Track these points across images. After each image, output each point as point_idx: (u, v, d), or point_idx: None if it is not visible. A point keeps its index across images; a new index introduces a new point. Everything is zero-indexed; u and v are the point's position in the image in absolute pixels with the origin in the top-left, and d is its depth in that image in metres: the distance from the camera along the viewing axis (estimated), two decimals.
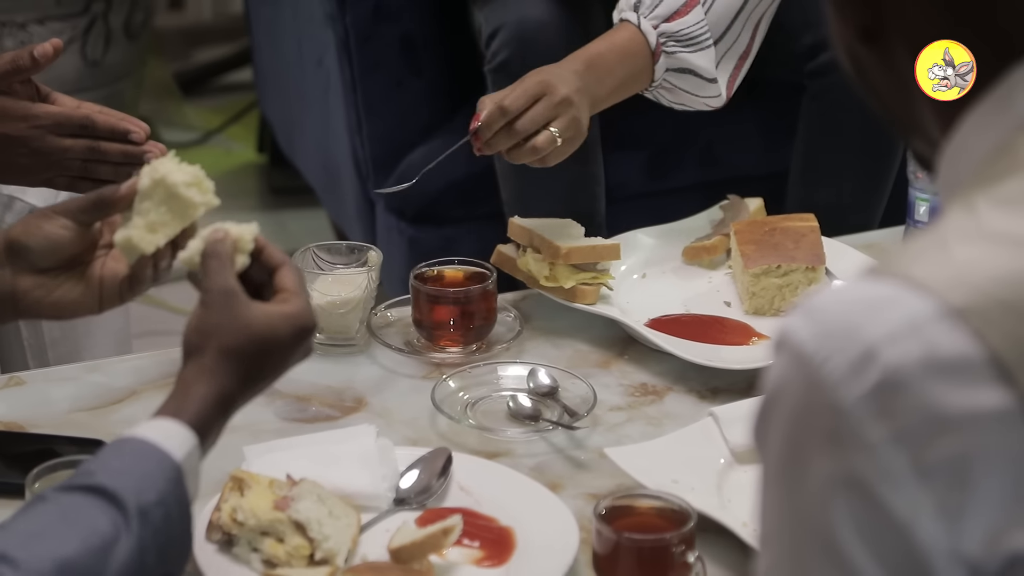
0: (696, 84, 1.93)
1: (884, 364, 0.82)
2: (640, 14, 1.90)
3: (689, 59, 1.91)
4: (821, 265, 1.82)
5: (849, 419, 0.83)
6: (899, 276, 0.85)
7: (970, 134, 0.91)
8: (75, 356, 1.92)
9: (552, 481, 1.52)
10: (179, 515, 1.16)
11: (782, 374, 0.87)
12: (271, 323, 1.23)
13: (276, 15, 2.92)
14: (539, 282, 1.79)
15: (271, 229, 3.31)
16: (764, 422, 0.89)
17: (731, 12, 1.94)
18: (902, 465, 0.82)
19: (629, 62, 1.89)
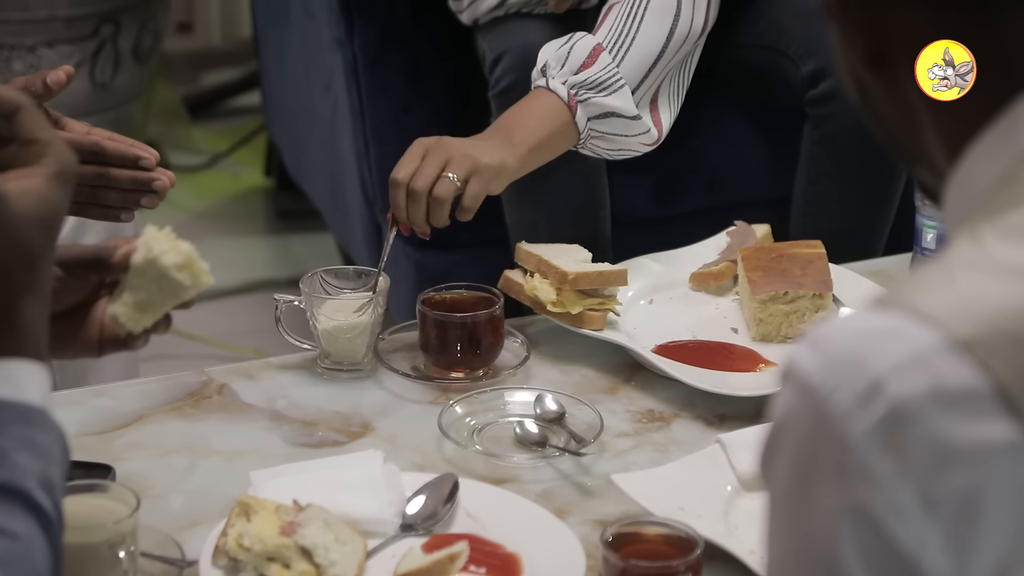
0: (621, 125, 1.95)
1: (891, 397, 0.82)
2: (548, 76, 1.93)
3: (605, 102, 1.92)
4: (828, 292, 1.82)
5: (856, 451, 0.83)
6: (905, 307, 0.85)
7: (975, 165, 0.91)
8: (82, 379, 1.92)
9: (559, 507, 1.52)
10: (61, 453, 1.05)
11: (789, 405, 0.86)
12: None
13: (284, 39, 2.93)
14: (546, 307, 1.79)
15: (278, 253, 3.31)
16: (771, 453, 0.88)
17: (647, 63, 1.95)
18: (909, 498, 0.82)
19: (550, 123, 1.91)
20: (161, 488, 1.55)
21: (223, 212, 3.46)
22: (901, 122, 0.96)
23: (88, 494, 1.36)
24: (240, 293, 3.11)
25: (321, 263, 2.17)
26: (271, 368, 1.78)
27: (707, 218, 2.10)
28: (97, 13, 3.29)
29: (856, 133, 2.19)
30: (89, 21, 3.28)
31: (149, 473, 1.58)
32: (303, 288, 1.77)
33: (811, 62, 2.20)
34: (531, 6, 2.21)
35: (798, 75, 2.21)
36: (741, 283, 1.89)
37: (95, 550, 1.32)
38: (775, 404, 0.88)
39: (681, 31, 1.96)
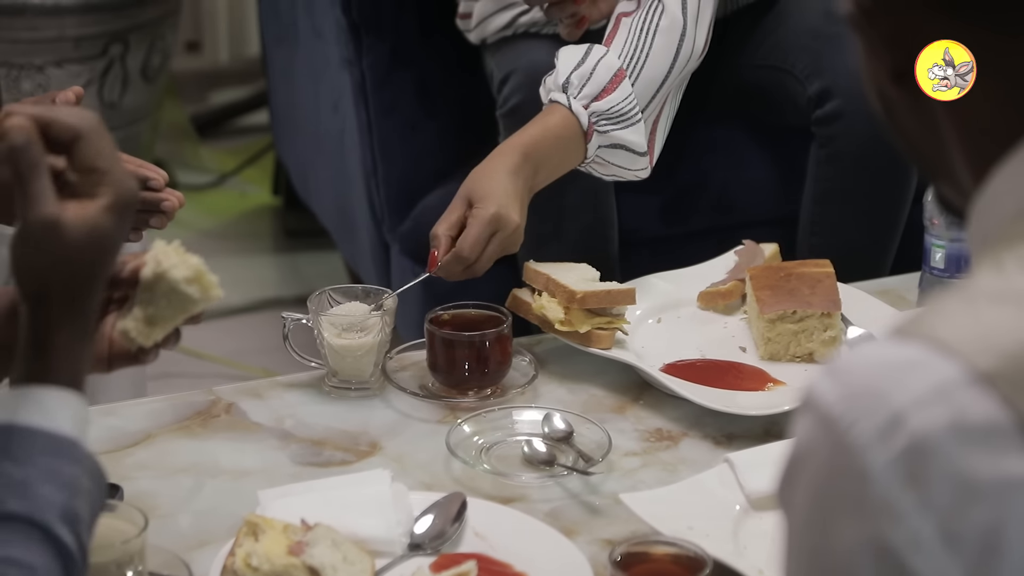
0: (628, 159, 1.95)
1: (912, 430, 0.81)
2: (569, 95, 1.91)
3: (621, 136, 1.92)
4: (837, 311, 1.81)
5: (877, 484, 0.81)
6: (927, 338, 0.84)
7: (1000, 187, 0.90)
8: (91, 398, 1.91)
9: (567, 527, 1.52)
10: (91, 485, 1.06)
11: (808, 436, 0.85)
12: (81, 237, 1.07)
13: (293, 59, 2.94)
14: (554, 326, 1.79)
15: (285, 272, 3.31)
16: (789, 484, 0.87)
17: (655, 84, 1.94)
18: (930, 532, 0.81)
19: (563, 145, 1.90)
20: (169, 507, 1.55)
21: (231, 231, 3.46)
22: (925, 137, 0.95)
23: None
24: (248, 312, 3.11)
25: (329, 282, 2.17)
26: (279, 387, 1.78)
27: (715, 237, 2.10)
28: (106, 33, 3.30)
29: (863, 153, 2.19)
30: (98, 41, 3.29)
31: (157, 492, 1.58)
32: (311, 306, 1.77)
33: (817, 82, 2.20)
34: (539, 26, 2.22)
35: (805, 95, 2.21)
36: (749, 302, 1.88)
37: (103, 570, 1.32)
38: (793, 433, 0.87)
39: (685, 53, 1.95)
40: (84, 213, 1.07)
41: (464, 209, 1.81)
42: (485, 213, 1.79)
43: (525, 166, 1.85)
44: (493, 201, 1.80)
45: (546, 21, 2.20)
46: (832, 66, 2.19)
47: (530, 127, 1.91)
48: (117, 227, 1.08)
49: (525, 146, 1.87)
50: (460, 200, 1.83)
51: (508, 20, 2.22)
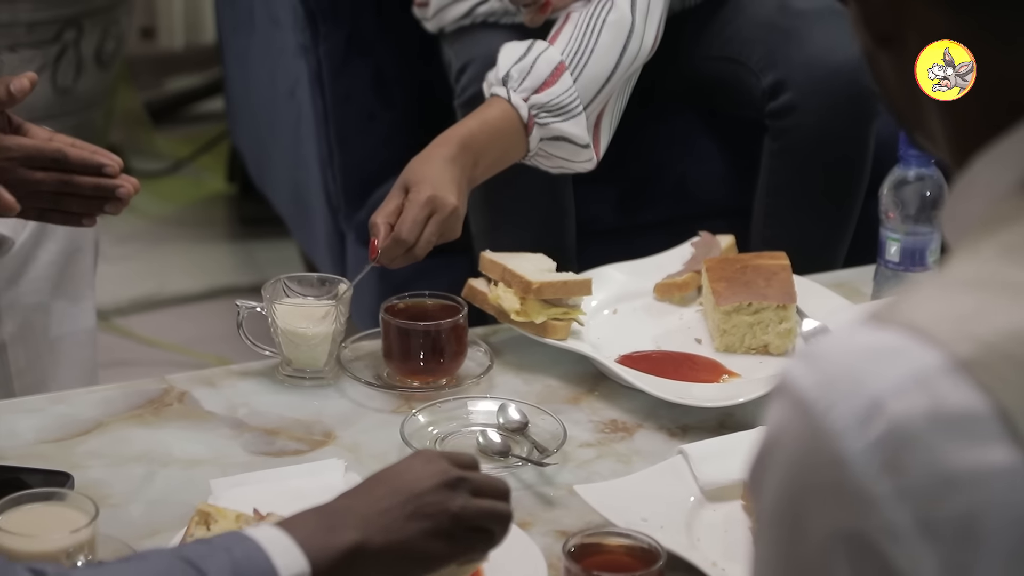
0: (570, 151, 1.95)
1: (890, 417, 0.80)
2: (509, 87, 1.91)
3: (562, 128, 1.92)
4: (792, 303, 1.82)
5: (852, 470, 0.81)
6: (905, 325, 0.83)
7: (980, 175, 0.89)
8: (41, 385, 1.91)
9: (521, 518, 1.51)
10: None
11: (782, 421, 0.84)
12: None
13: (249, 46, 2.92)
14: (510, 317, 1.79)
15: (240, 259, 3.30)
16: (760, 469, 0.86)
17: (600, 80, 1.94)
18: (906, 520, 0.80)
19: (503, 138, 1.90)
20: (120, 496, 1.54)
21: (185, 218, 3.44)
22: (907, 100, 0.94)
23: (46, 502, 1.35)
24: (202, 300, 3.10)
25: (284, 270, 2.16)
26: (232, 376, 1.77)
27: (672, 228, 2.10)
28: (60, 18, 3.27)
29: (815, 145, 2.19)
30: (51, 26, 3.27)
31: (108, 481, 1.56)
32: (265, 294, 1.76)
33: (771, 74, 2.20)
34: (498, 16, 2.21)
35: (759, 87, 2.21)
36: (705, 294, 1.89)
37: (53, 559, 1.31)
38: (767, 419, 0.86)
39: (632, 49, 1.95)
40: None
41: (402, 197, 1.81)
42: (420, 196, 1.79)
43: (462, 156, 1.85)
44: (428, 184, 1.80)
45: (504, 11, 2.19)
46: (786, 59, 2.20)
47: (469, 119, 1.91)
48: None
49: (463, 137, 1.87)
50: (398, 189, 1.83)
51: (466, 9, 2.21)
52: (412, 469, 1.24)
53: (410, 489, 1.22)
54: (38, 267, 1.91)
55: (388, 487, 1.22)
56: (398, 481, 1.22)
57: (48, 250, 1.91)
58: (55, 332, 1.93)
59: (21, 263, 1.89)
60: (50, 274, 1.91)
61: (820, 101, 2.18)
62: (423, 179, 1.80)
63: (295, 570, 1.13)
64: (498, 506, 1.25)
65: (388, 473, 1.24)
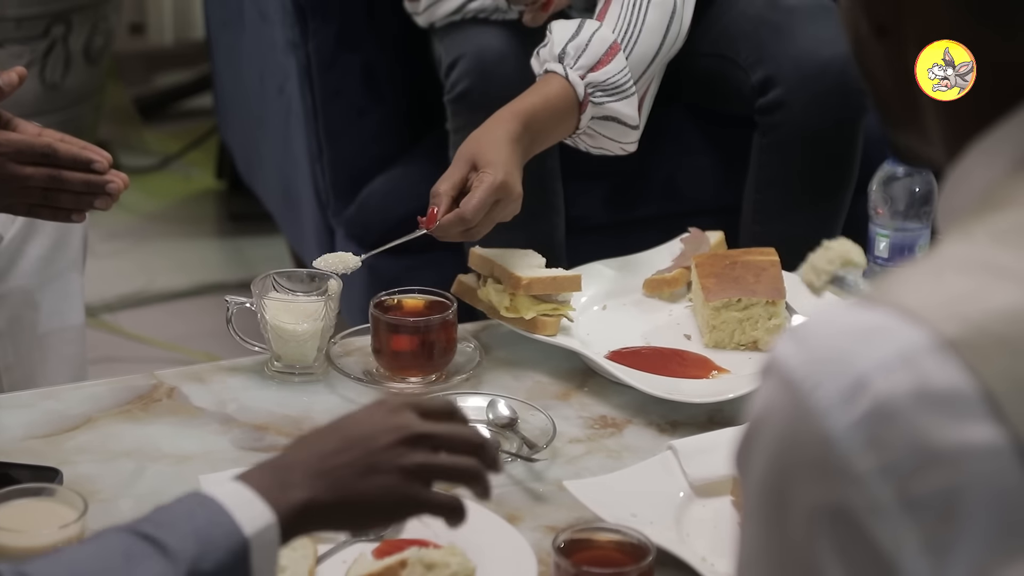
0: (619, 131, 1.95)
1: (875, 394, 0.81)
2: (565, 64, 1.91)
3: (616, 108, 1.93)
4: (782, 299, 1.82)
5: (837, 447, 0.82)
6: (893, 304, 0.84)
7: (975, 163, 0.90)
8: (30, 381, 1.90)
9: (511, 513, 1.51)
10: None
11: (769, 399, 0.85)
12: None
13: (238, 41, 2.91)
14: (499, 312, 1.79)
15: (229, 256, 3.29)
16: (747, 447, 0.87)
17: (647, 59, 1.95)
18: (888, 497, 0.81)
19: (559, 116, 1.91)
20: (109, 492, 1.54)
21: (174, 214, 3.44)
22: (898, 92, 0.94)
23: (35, 498, 1.34)
24: (191, 296, 3.09)
25: (273, 266, 2.15)
26: (222, 371, 1.77)
27: (661, 224, 2.10)
28: (48, 13, 3.26)
29: (804, 141, 2.20)
30: (40, 21, 3.26)
31: (97, 477, 1.56)
32: (255, 290, 1.76)
33: (760, 70, 2.20)
34: (488, 12, 2.21)
35: (748, 83, 2.22)
36: (695, 290, 1.89)
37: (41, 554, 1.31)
38: (754, 398, 0.87)
39: (675, 29, 1.98)
40: None
41: (467, 171, 1.79)
42: (494, 180, 1.77)
43: (525, 135, 1.85)
44: (501, 169, 1.78)
45: (494, 8, 2.19)
46: (775, 55, 2.20)
47: (530, 95, 1.90)
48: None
49: (527, 114, 1.86)
50: (463, 161, 1.80)
51: (458, 5, 2.21)
52: (371, 419, 1.17)
53: (365, 443, 1.15)
54: (26, 262, 1.90)
55: (342, 437, 1.16)
56: (355, 431, 1.16)
57: (36, 245, 1.91)
58: (44, 327, 1.93)
59: (9, 258, 1.89)
60: (38, 269, 1.91)
61: (809, 97, 2.18)
62: (495, 162, 1.78)
63: (259, 524, 1.09)
64: (461, 463, 1.18)
65: (347, 421, 1.18)
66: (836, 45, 2.19)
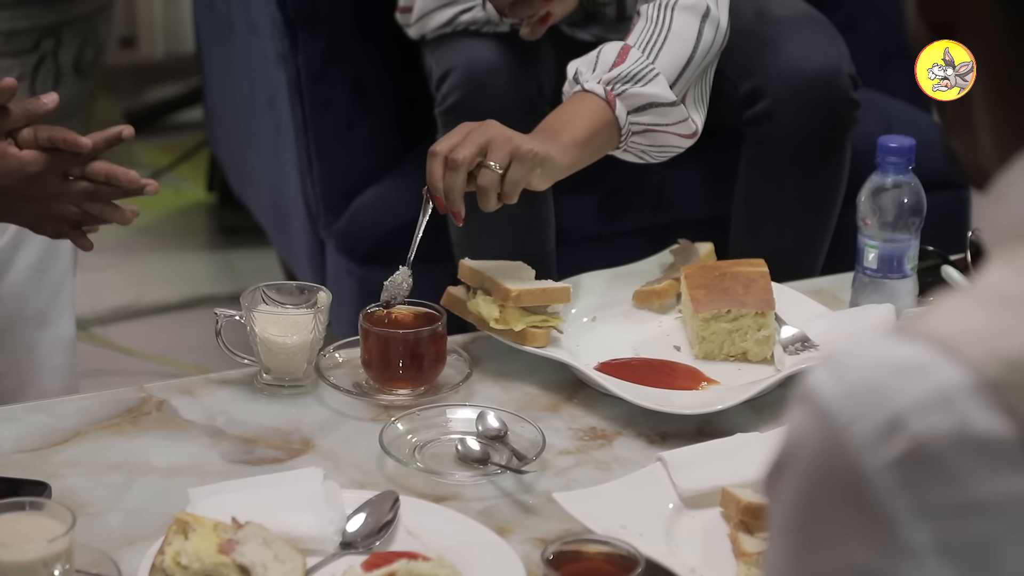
0: (660, 113, 1.93)
1: (912, 434, 0.79)
2: (582, 80, 1.92)
3: (642, 91, 1.91)
4: (771, 310, 1.82)
5: (871, 486, 0.79)
6: (933, 339, 0.81)
7: (1018, 179, 0.86)
8: (20, 392, 1.90)
9: (500, 525, 1.51)
10: None
11: (801, 429, 0.83)
12: None
13: (228, 55, 2.92)
14: (489, 324, 1.79)
15: (219, 268, 3.29)
16: (777, 474, 0.85)
17: (680, 61, 1.95)
18: (925, 541, 0.78)
19: (590, 116, 1.89)
20: (98, 505, 1.54)
21: (165, 227, 3.43)
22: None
23: (23, 511, 1.34)
24: (181, 309, 3.09)
25: (263, 279, 2.15)
26: (211, 384, 1.77)
27: (651, 236, 2.10)
28: (38, 27, 3.26)
29: (792, 153, 2.20)
30: (30, 35, 3.26)
31: (86, 490, 1.56)
32: (244, 303, 1.76)
33: (748, 82, 2.21)
34: (479, 25, 2.21)
35: (736, 95, 2.22)
36: (684, 301, 1.89)
37: (30, 568, 1.31)
38: (787, 424, 0.85)
39: (709, 32, 1.97)
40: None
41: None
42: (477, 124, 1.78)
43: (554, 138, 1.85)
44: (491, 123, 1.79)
45: (486, 20, 2.19)
46: (763, 66, 2.20)
47: (555, 111, 1.91)
48: None
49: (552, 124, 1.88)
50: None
51: (449, 17, 2.21)
52: None
53: None
54: (16, 272, 1.90)
55: None
56: None
57: (27, 254, 1.91)
58: (34, 338, 1.93)
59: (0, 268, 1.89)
60: (29, 278, 1.91)
61: (797, 108, 2.18)
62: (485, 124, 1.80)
63: None
64: None
65: None
66: (824, 56, 2.19)
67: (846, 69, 2.20)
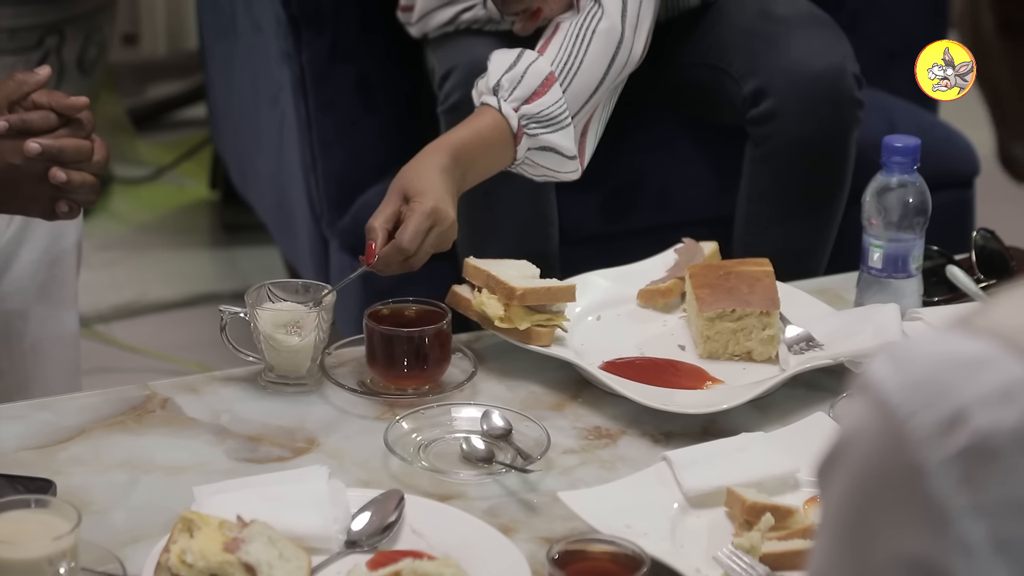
0: (557, 161, 1.95)
1: (974, 429, 0.78)
2: (500, 97, 1.91)
3: (550, 139, 1.92)
4: (776, 310, 1.82)
5: (929, 480, 0.79)
6: (996, 334, 0.80)
7: None
8: (24, 388, 1.90)
9: (505, 524, 1.51)
10: None
11: (860, 419, 0.82)
12: None
13: (231, 52, 2.92)
14: (493, 323, 1.79)
15: (222, 266, 3.29)
16: (832, 463, 0.84)
17: (589, 89, 1.94)
18: (980, 537, 0.78)
19: (492, 148, 1.91)
20: (103, 503, 1.54)
21: (168, 225, 3.43)
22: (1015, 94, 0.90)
23: (28, 509, 1.34)
24: (184, 306, 3.09)
25: (266, 277, 2.15)
26: (215, 382, 1.77)
27: (655, 235, 2.10)
28: (41, 24, 3.26)
29: (796, 152, 2.20)
30: (33, 32, 3.26)
31: (91, 488, 1.56)
32: (249, 300, 1.76)
33: (752, 81, 2.20)
34: (481, 23, 2.21)
35: (740, 94, 2.22)
36: (689, 300, 1.89)
37: (35, 566, 1.31)
38: (845, 414, 0.84)
39: (621, 59, 1.95)
40: None
41: (399, 203, 1.81)
42: (425, 207, 1.78)
43: (455, 166, 1.85)
44: (431, 196, 1.79)
45: (487, 18, 2.19)
46: (767, 65, 2.20)
47: (461, 128, 1.91)
48: None
49: (455, 147, 1.87)
50: (394, 194, 1.82)
51: (451, 16, 2.21)
52: None
53: None
54: (20, 267, 1.90)
55: None
56: None
57: (30, 250, 1.91)
58: (37, 335, 1.93)
59: (3, 263, 1.89)
60: (32, 274, 1.91)
61: (801, 107, 2.18)
62: (425, 190, 1.80)
63: None
64: None
65: None
66: (828, 56, 2.19)
67: (850, 68, 2.20)
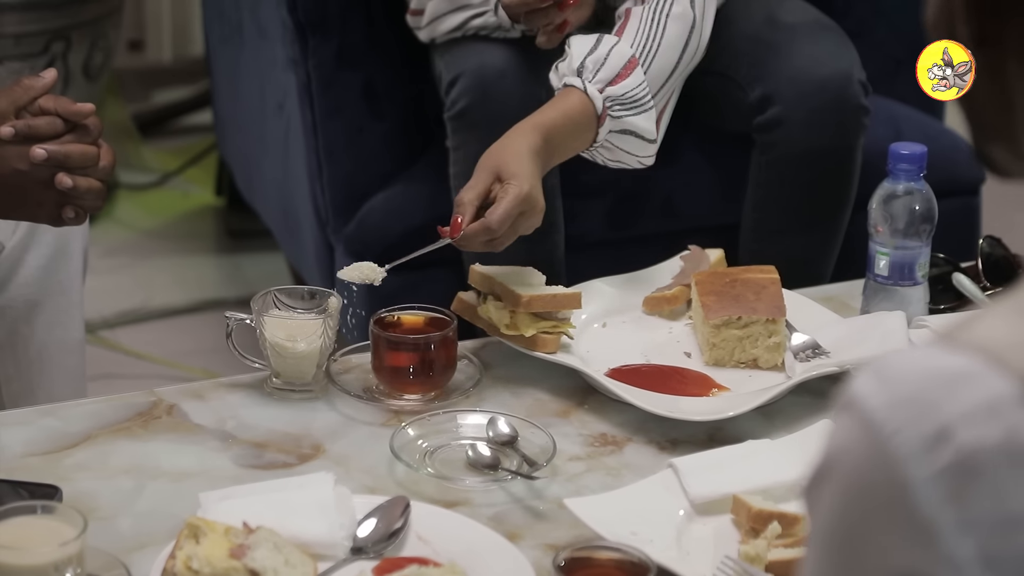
0: (637, 145, 1.96)
1: (959, 445, 0.78)
2: (584, 79, 1.92)
3: (633, 122, 1.93)
4: (782, 317, 1.82)
5: (915, 497, 0.78)
6: (980, 349, 0.80)
7: None
8: (29, 394, 1.90)
9: (511, 531, 1.51)
10: None
11: (845, 438, 0.82)
12: None
13: (237, 58, 2.92)
14: (499, 330, 1.79)
15: (228, 272, 3.29)
16: (818, 482, 0.84)
17: (665, 73, 1.96)
18: (968, 554, 0.78)
19: (578, 129, 1.92)
20: (109, 509, 1.54)
21: (173, 231, 3.43)
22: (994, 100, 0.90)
23: (34, 515, 1.34)
24: (190, 313, 3.09)
25: (272, 283, 2.15)
26: (221, 388, 1.77)
27: (661, 242, 2.10)
28: (47, 30, 3.26)
29: (803, 159, 2.20)
30: (39, 38, 3.26)
31: (97, 494, 1.56)
32: (255, 307, 1.76)
33: (759, 88, 2.21)
34: (490, 30, 2.21)
35: (746, 101, 2.22)
36: (695, 307, 1.89)
37: (41, 572, 1.31)
38: (830, 433, 0.84)
39: (693, 44, 2.00)
40: None
41: (490, 181, 1.80)
42: (520, 191, 1.78)
43: (545, 148, 1.86)
44: (527, 180, 1.79)
45: (496, 25, 2.19)
46: (774, 72, 2.20)
47: (549, 109, 1.91)
48: None
49: (547, 128, 1.87)
50: (486, 172, 1.81)
51: (460, 22, 2.21)
52: None
53: None
54: (26, 273, 1.90)
55: None
56: None
57: (37, 255, 1.91)
58: (43, 340, 1.93)
59: (10, 268, 1.89)
60: (39, 279, 1.91)
61: (807, 115, 2.18)
62: (519, 173, 1.79)
63: None
64: None
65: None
66: (835, 63, 2.19)
67: (856, 75, 2.20)
